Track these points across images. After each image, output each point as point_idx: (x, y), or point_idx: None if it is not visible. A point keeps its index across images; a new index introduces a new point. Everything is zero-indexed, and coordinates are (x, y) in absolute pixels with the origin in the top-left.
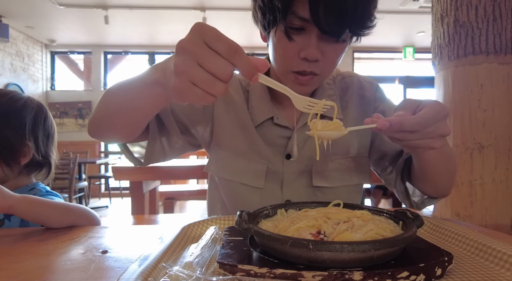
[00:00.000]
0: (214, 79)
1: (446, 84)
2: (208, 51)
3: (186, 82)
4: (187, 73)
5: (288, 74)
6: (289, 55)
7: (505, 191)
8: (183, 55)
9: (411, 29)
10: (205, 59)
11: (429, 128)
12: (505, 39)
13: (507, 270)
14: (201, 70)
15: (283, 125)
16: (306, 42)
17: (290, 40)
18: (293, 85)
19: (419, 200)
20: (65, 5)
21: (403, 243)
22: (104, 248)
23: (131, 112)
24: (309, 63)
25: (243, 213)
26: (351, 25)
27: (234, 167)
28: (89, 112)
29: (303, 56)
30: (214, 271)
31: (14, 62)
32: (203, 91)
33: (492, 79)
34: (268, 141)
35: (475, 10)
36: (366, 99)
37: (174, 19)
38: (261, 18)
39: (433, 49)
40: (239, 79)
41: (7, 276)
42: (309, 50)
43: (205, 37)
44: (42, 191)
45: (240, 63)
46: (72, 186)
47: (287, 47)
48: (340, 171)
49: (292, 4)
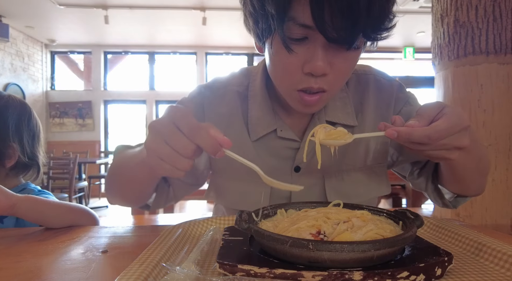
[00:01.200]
0: (179, 156)
1: (446, 84)
2: (174, 130)
3: (155, 158)
4: (155, 150)
5: (292, 93)
6: (290, 70)
7: (505, 191)
8: (154, 135)
9: (411, 29)
10: (171, 138)
11: (443, 140)
12: (505, 39)
13: (507, 270)
14: (168, 147)
15: (289, 138)
16: (310, 53)
17: (290, 52)
18: (299, 106)
19: (451, 197)
20: (65, 5)
21: (403, 243)
22: (104, 248)
23: (135, 186)
24: (315, 78)
25: (243, 213)
26: (365, 29)
27: (233, 194)
28: (89, 111)
29: (308, 71)
30: (214, 271)
31: (14, 62)
32: (170, 165)
33: (492, 79)
34: (272, 153)
35: (475, 10)
36: (385, 101)
37: (174, 19)
38: (253, 26)
39: (433, 49)
40: (237, 90)
41: (7, 276)
42: (314, 63)
43: (173, 118)
44: (34, 191)
45: (201, 142)
46: (72, 186)
47: (287, 60)
48: (356, 185)
49: (290, 9)
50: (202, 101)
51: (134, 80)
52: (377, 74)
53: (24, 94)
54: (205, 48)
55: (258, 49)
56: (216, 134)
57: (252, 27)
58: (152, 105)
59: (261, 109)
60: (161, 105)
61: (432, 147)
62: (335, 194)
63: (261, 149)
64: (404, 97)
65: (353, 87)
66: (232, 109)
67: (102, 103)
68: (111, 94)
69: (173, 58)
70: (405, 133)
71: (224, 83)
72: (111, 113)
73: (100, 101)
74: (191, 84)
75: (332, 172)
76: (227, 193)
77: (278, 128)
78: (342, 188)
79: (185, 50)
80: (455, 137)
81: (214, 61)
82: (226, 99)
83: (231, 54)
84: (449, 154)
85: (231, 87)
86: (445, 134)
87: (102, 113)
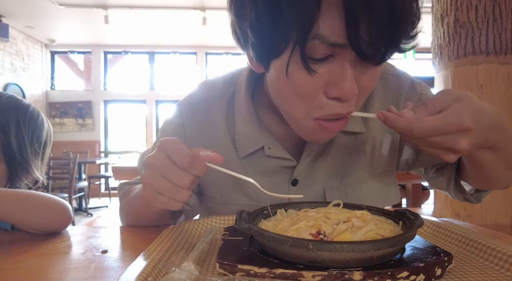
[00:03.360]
0: (177, 187)
1: (446, 84)
2: (170, 164)
3: (153, 192)
4: (153, 184)
5: (307, 122)
6: (309, 95)
7: (505, 191)
8: (149, 170)
9: None
10: (167, 171)
11: (433, 138)
12: (505, 39)
13: (507, 270)
14: (165, 180)
15: (278, 157)
16: (335, 74)
17: (312, 74)
18: (315, 136)
19: (471, 189)
20: (65, 5)
21: (403, 243)
22: (104, 248)
23: (151, 221)
24: (342, 103)
25: (243, 213)
26: (403, 38)
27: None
28: (89, 111)
29: (335, 95)
30: (214, 271)
31: (14, 62)
32: (168, 198)
33: (492, 79)
34: (263, 172)
35: (475, 10)
36: (392, 100)
37: (174, 19)
38: (256, 42)
39: (433, 49)
40: (219, 102)
41: (7, 276)
42: (344, 85)
43: (167, 151)
44: None
45: (196, 172)
46: (72, 186)
47: (307, 84)
48: (361, 198)
49: (316, 23)
50: (181, 121)
51: (134, 80)
52: (384, 69)
53: (24, 94)
54: (205, 48)
55: (255, 68)
56: (206, 156)
57: (253, 44)
58: (152, 105)
59: (246, 123)
60: (161, 105)
61: (423, 143)
62: None
63: (249, 167)
64: (416, 94)
65: None
66: (216, 124)
67: (102, 103)
68: (111, 94)
69: (173, 58)
70: (390, 120)
71: (205, 97)
72: (111, 113)
73: (100, 101)
74: (191, 84)
75: (334, 186)
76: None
77: (266, 145)
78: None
79: (185, 50)
80: (448, 138)
81: (214, 61)
82: (209, 114)
83: (231, 54)
84: (444, 155)
85: (214, 99)
86: (430, 132)
87: (102, 113)
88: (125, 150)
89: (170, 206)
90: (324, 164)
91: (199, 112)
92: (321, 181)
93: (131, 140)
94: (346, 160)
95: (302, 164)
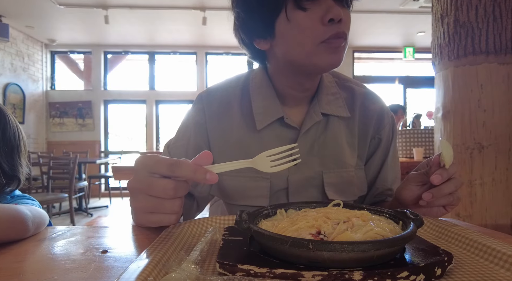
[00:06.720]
0: (163, 200)
1: (446, 84)
2: (150, 179)
3: (143, 215)
4: (141, 207)
5: (318, 48)
6: (311, 26)
7: (505, 191)
8: (134, 194)
9: (411, 29)
10: (149, 187)
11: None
12: (505, 39)
13: (507, 270)
14: (151, 198)
15: (293, 126)
16: (325, 6)
17: (306, 11)
18: (327, 56)
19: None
20: (65, 5)
21: (403, 243)
22: (104, 248)
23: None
24: (337, 24)
25: (243, 213)
26: None
27: (234, 190)
28: (89, 111)
29: (329, 18)
30: (214, 271)
31: (14, 62)
32: (160, 214)
33: (492, 79)
34: (271, 145)
35: (475, 10)
36: (368, 120)
37: (174, 19)
38: (257, 12)
39: (433, 49)
40: (234, 90)
41: (7, 276)
42: (333, 10)
43: (147, 168)
44: (7, 198)
45: (182, 173)
46: (72, 186)
47: (306, 19)
48: (351, 183)
49: None
50: (202, 106)
51: (134, 80)
52: (370, 93)
53: (24, 94)
54: (205, 48)
55: (263, 46)
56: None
57: (256, 16)
58: (152, 105)
59: (267, 98)
60: (161, 105)
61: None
62: (334, 192)
63: (258, 146)
64: (385, 131)
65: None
66: (232, 107)
67: (102, 103)
68: (111, 94)
69: (173, 58)
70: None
71: (221, 87)
72: (111, 113)
73: (100, 101)
74: (191, 84)
75: (331, 168)
76: (228, 190)
77: (285, 115)
78: (340, 186)
79: (185, 50)
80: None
81: (214, 61)
82: (225, 99)
83: (231, 54)
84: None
85: (229, 88)
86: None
87: (102, 113)
88: (125, 150)
89: (164, 221)
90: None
91: (216, 97)
92: (320, 162)
93: (131, 140)
94: (339, 143)
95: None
